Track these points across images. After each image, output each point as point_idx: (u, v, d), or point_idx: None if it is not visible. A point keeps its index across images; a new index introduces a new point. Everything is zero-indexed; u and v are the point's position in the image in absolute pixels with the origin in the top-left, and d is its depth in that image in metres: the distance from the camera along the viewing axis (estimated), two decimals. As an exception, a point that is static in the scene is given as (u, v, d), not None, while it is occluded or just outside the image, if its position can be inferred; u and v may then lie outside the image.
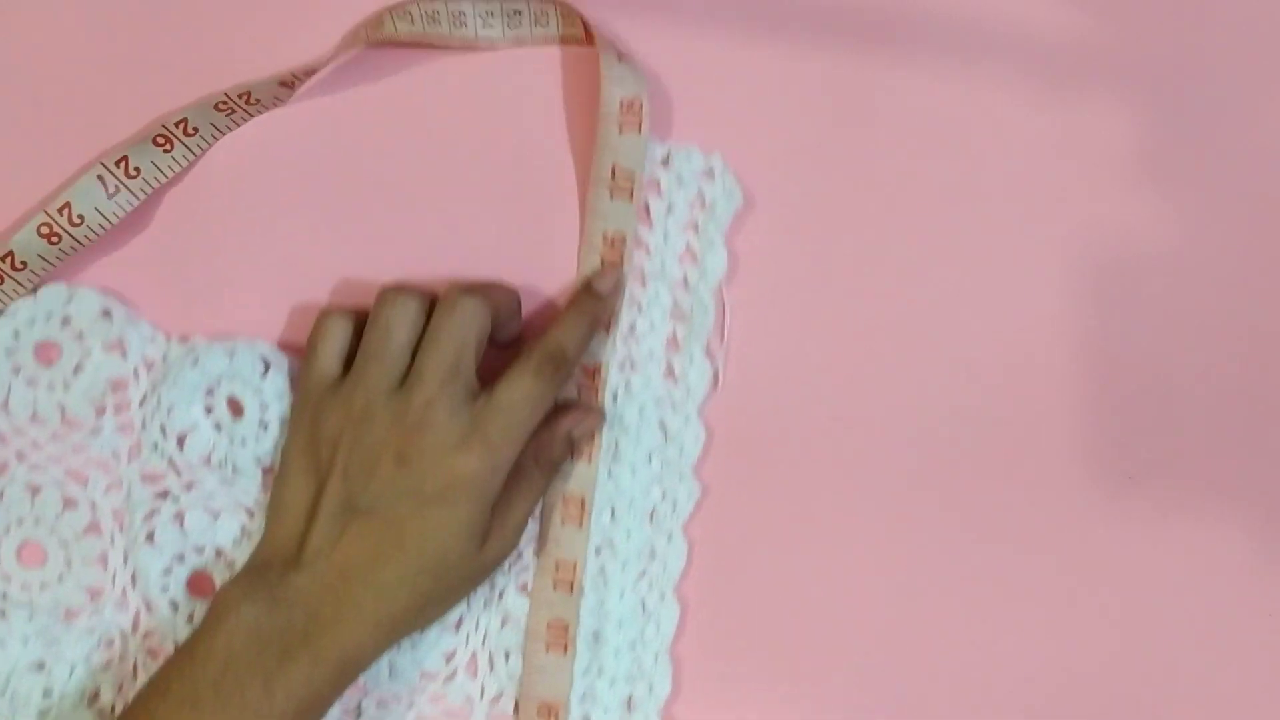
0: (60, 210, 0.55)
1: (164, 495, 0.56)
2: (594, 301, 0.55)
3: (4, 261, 0.55)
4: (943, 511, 0.58)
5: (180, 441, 0.55)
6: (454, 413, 0.52)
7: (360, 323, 0.54)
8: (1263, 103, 0.59)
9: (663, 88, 0.58)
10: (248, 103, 0.57)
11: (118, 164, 0.56)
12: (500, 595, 0.56)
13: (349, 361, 0.54)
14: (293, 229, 0.58)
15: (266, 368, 0.55)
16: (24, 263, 0.55)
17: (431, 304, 0.54)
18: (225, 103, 0.57)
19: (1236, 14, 0.59)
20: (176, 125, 0.56)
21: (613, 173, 0.56)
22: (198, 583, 0.56)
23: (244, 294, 0.57)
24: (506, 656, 0.56)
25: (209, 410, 0.55)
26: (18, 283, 0.56)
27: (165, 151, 0.56)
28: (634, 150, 0.56)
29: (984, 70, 0.59)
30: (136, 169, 0.56)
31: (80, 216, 0.55)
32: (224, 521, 0.56)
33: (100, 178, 0.56)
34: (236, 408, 0.55)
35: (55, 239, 0.56)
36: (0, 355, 0.55)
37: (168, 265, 0.57)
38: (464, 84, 0.58)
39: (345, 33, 0.58)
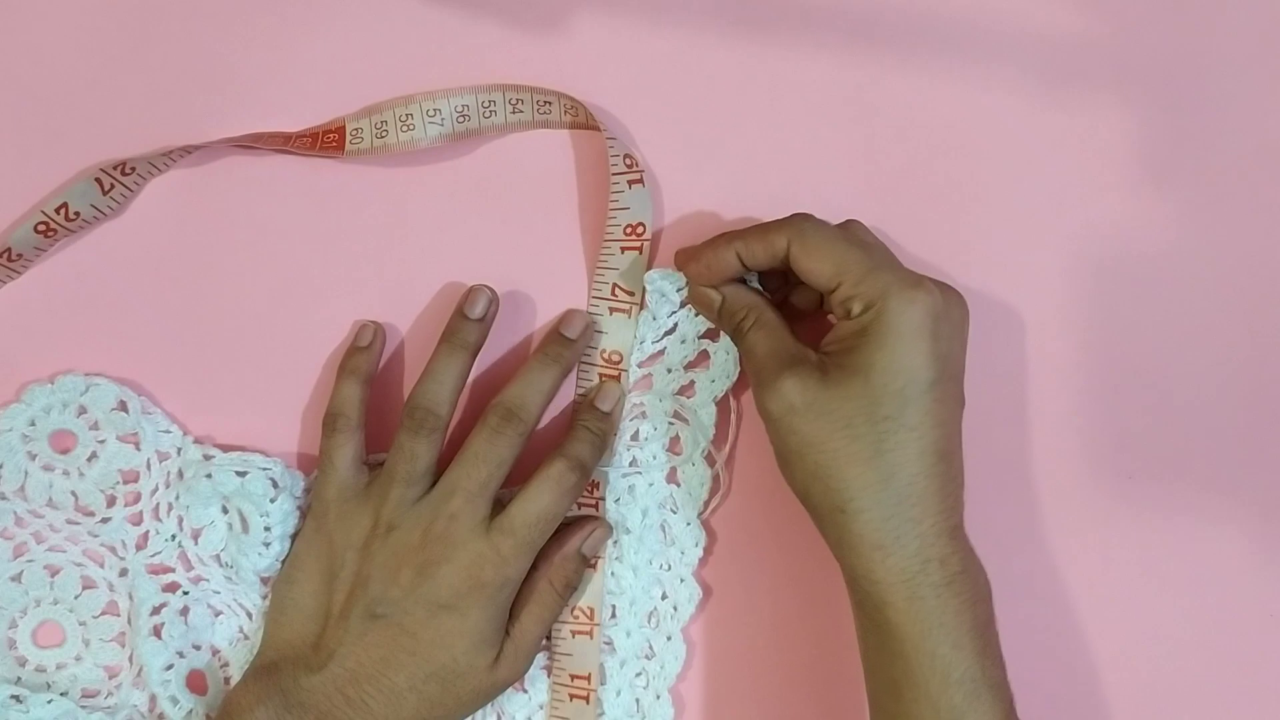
0: (57, 210, 0.56)
1: (172, 589, 0.57)
2: (598, 417, 0.56)
3: (1, 256, 0.56)
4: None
5: (195, 536, 0.56)
6: (474, 528, 0.53)
7: (366, 414, 0.56)
8: (1263, 103, 0.59)
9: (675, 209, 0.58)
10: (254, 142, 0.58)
11: (115, 166, 0.57)
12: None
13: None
14: (303, 311, 0.58)
15: (276, 490, 0.56)
16: (19, 254, 0.57)
17: (452, 408, 0.55)
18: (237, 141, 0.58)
19: (1236, 14, 0.59)
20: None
21: (613, 290, 0.57)
22: (194, 680, 0.57)
23: (262, 373, 0.58)
24: (506, 757, 0.57)
25: (225, 510, 0.56)
26: (12, 271, 0.57)
27: (163, 155, 0.57)
28: (634, 270, 0.57)
29: (984, 70, 0.58)
30: (132, 168, 0.57)
31: (76, 213, 0.56)
32: (224, 621, 0.57)
33: (97, 179, 0.56)
34: (244, 523, 0.56)
35: (50, 234, 0.57)
36: (17, 441, 0.56)
37: (188, 352, 0.58)
38: (478, 168, 0.59)
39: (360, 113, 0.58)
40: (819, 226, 0.53)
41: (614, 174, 0.57)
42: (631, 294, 0.57)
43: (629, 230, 0.57)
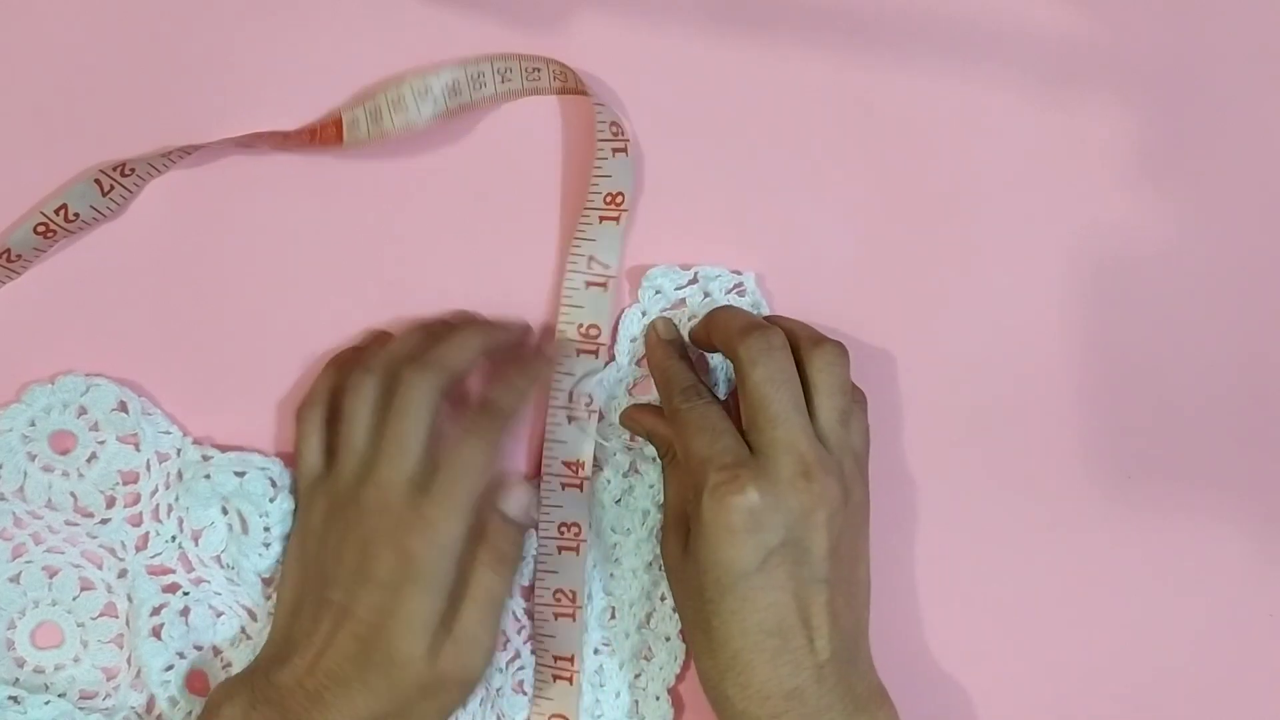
0: (57, 211, 0.56)
1: (172, 589, 0.57)
2: (539, 363, 0.56)
3: (0, 257, 0.56)
4: (942, 511, 0.58)
5: (196, 537, 0.56)
6: (402, 494, 0.52)
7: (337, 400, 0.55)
8: (1263, 103, 0.59)
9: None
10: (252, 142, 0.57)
11: (115, 168, 0.56)
12: (498, 691, 0.57)
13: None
14: (303, 311, 0.58)
15: (275, 490, 0.56)
16: (18, 255, 0.56)
17: (393, 367, 0.54)
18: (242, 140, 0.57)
19: (1236, 14, 0.59)
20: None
21: (589, 263, 0.57)
22: (195, 680, 0.57)
23: (262, 373, 0.58)
24: (502, 754, 0.57)
25: (224, 511, 0.56)
26: (11, 271, 0.57)
27: (163, 156, 0.57)
28: (610, 241, 0.57)
29: (984, 70, 0.59)
30: (131, 169, 0.57)
31: (75, 214, 0.56)
32: (225, 621, 0.57)
33: (97, 181, 0.56)
34: (243, 524, 0.56)
35: (50, 235, 0.57)
36: (16, 442, 0.56)
37: (188, 352, 0.58)
38: (478, 168, 0.59)
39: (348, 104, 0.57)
40: (702, 409, 0.53)
41: (599, 139, 0.56)
42: (607, 266, 0.57)
43: (609, 199, 0.56)
